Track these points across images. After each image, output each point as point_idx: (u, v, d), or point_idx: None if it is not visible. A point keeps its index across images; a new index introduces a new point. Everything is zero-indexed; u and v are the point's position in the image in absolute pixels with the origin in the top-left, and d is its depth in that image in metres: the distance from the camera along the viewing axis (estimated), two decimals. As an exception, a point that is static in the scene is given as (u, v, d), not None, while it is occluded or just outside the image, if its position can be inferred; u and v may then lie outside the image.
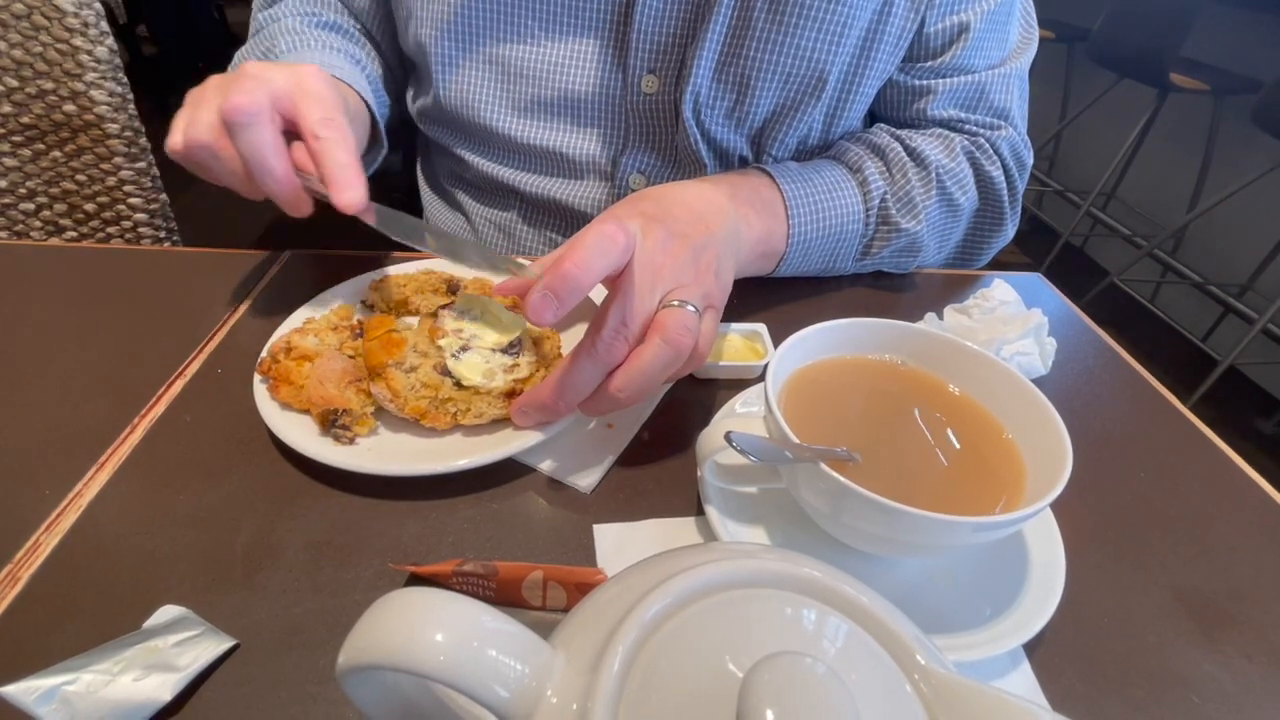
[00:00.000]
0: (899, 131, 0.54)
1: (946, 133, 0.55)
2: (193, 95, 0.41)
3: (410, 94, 0.62)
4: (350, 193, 0.37)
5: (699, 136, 0.54)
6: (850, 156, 0.53)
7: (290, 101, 0.39)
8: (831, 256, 0.53)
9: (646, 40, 0.51)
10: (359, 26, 0.60)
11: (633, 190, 0.56)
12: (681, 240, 0.38)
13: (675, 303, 0.36)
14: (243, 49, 0.57)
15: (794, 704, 0.14)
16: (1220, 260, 1.90)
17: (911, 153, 0.53)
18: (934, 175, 0.52)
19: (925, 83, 0.54)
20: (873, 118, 0.59)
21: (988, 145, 0.55)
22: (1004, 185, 0.56)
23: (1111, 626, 0.32)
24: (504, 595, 0.31)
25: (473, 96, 0.55)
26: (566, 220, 0.60)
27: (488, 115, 0.56)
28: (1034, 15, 0.57)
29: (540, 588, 0.30)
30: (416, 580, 0.31)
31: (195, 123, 0.39)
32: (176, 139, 0.40)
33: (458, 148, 0.61)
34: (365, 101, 0.50)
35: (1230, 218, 1.82)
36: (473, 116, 0.56)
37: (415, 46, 0.56)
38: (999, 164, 0.55)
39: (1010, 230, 0.59)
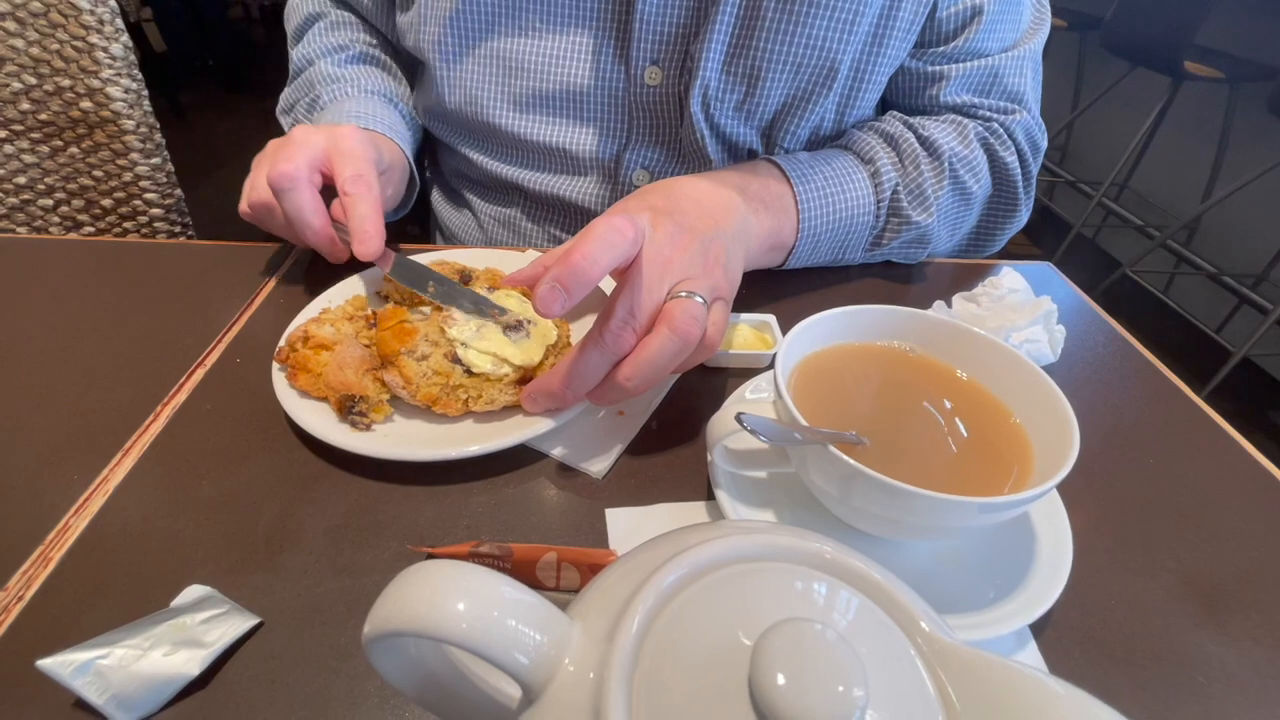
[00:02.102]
0: (912, 119, 0.54)
1: (960, 118, 0.54)
2: (257, 160, 0.48)
3: (415, 94, 0.63)
4: (367, 245, 0.42)
5: (707, 131, 0.53)
6: (863, 146, 0.53)
7: (328, 161, 0.45)
8: (841, 248, 0.53)
9: (649, 31, 0.51)
10: (378, 39, 0.63)
11: (637, 186, 0.56)
12: (690, 233, 0.39)
13: (683, 294, 0.36)
14: (285, 92, 0.63)
15: (804, 667, 0.15)
16: (1234, 251, 1.88)
17: (924, 142, 0.52)
18: (946, 164, 0.52)
19: (938, 68, 0.54)
20: (884, 104, 0.59)
21: (1002, 130, 0.55)
22: (1019, 171, 0.55)
23: (1118, 609, 0.32)
24: (519, 575, 0.31)
25: (475, 93, 0.56)
26: (571, 216, 0.61)
27: (490, 112, 0.56)
28: None
29: (554, 569, 0.31)
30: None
31: (255, 186, 0.47)
32: (244, 203, 0.48)
33: (461, 145, 0.61)
34: (400, 146, 0.53)
35: (1245, 208, 1.80)
36: (475, 113, 0.56)
37: (415, 46, 0.56)
38: (1013, 149, 0.55)
39: (1024, 215, 0.59)
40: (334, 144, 0.45)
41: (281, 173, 0.42)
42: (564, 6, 0.52)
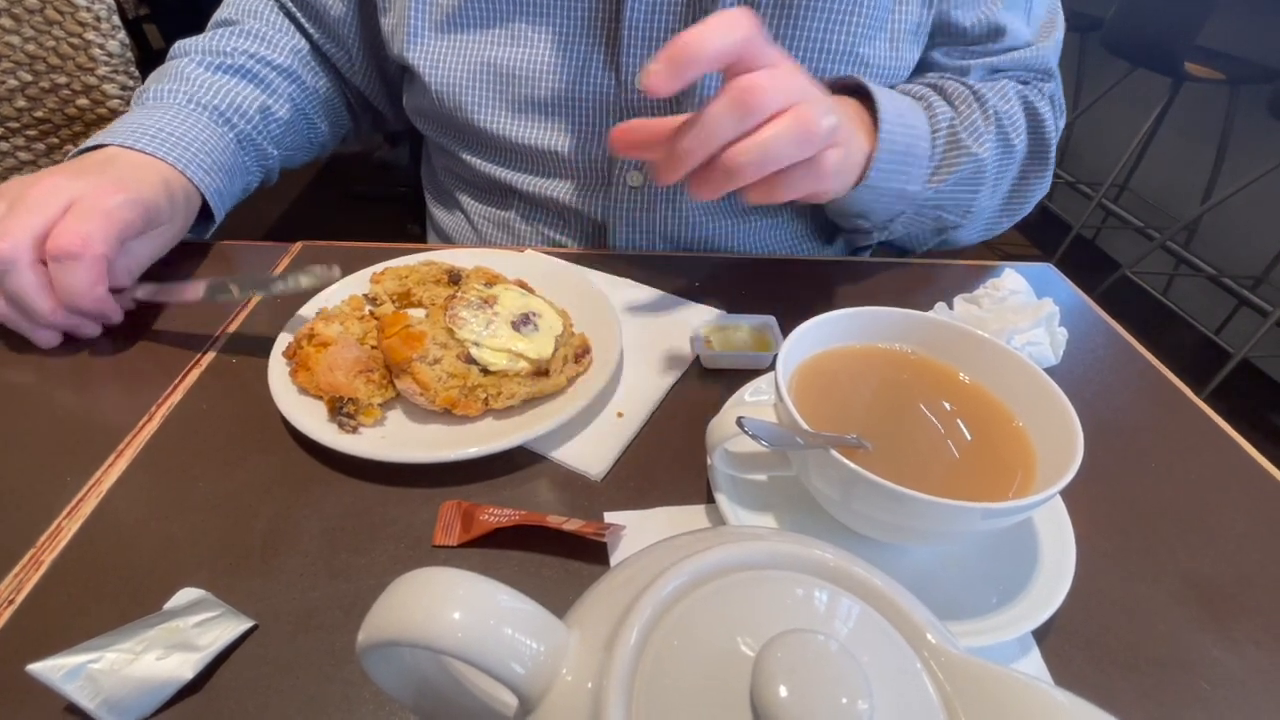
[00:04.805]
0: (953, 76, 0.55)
1: (998, 80, 0.56)
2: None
3: (405, 96, 0.63)
4: (82, 329, 0.43)
5: None
6: (914, 89, 0.53)
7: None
8: (905, 174, 0.49)
9: (638, 35, 0.51)
10: (286, 56, 0.59)
11: (631, 186, 0.57)
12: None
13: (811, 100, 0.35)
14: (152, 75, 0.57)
15: (807, 679, 0.15)
16: (1234, 252, 1.87)
17: (970, 89, 0.53)
18: (992, 113, 0.52)
19: (968, 63, 0.55)
20: None
21: (1036, 89, 0.57)
22: (1052, 124, 0.56)
23: (1121, 613, 0.32)
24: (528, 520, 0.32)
25: (465, 99, 0.55)
26: (565, 218, 0.61)
27: (481, 117, 0.56)
28: None
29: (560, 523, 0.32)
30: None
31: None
32: None
33: (453, 147, 0.61)
34: (189, 179, 0.49)
35: (1245, 209, 1.80)
36: (466, 119, 0.56)
37: (400, 55, 0.56)
38: (1048, 103, 0.56)
39: (1049, 176, 0.59)
40: (82, 201, 0.41)
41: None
42: (553, 15, 0.52)
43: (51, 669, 0.25)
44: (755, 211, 0.60)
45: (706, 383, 0.43)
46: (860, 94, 0.48)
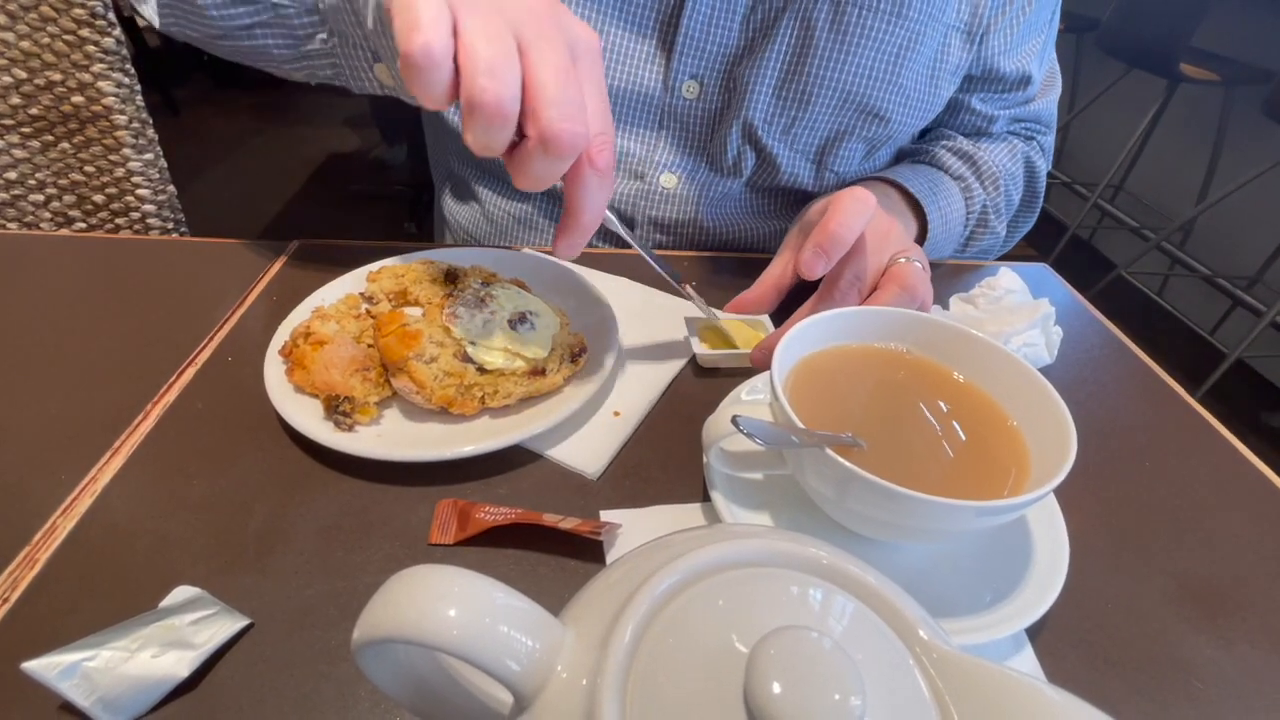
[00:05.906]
0: (978, 143, 0.59)
1: (1010, 138, 0.61)
2: None
3: None
4: (571, 251, 0.33)
5: (750, 151, 0.55)
6: (953, 167, 0.57)
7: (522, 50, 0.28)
8: (935, 252, 0.56)
9: (693, 45, 0.52)
10: None
11: (664, 188, 0.57)
12: (895, 216, 0.47)
13: (903, 259, 0.42)
14: None
15: (800, 676, 0.15)
16: (1229, 253, 1.88)
17: (996, 165, 0.58)
18: (1003, 183, 0.58)
19: (998, 112, 0.60)
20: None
21: (1038, 145, 0.63)
22: (1044, 176, 0.63)
23: (1115, 612, 0.32)
24: (524, 519, 0.32)
25: None
26: None
27: None
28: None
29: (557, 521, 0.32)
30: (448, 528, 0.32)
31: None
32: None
33: None
34: None
35: (1240, 210, 1.80)
36: None
37: None
38: (1043, 155, 0.63)
39: (1036, 216, 0.66)
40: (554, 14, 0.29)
41: (422, 46, 0.26)
42: (611, 13, 0.52)
43: (46, 667, 0.25)
44: (778, 216, 0.61)
45: (703, 382, 0.44)
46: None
